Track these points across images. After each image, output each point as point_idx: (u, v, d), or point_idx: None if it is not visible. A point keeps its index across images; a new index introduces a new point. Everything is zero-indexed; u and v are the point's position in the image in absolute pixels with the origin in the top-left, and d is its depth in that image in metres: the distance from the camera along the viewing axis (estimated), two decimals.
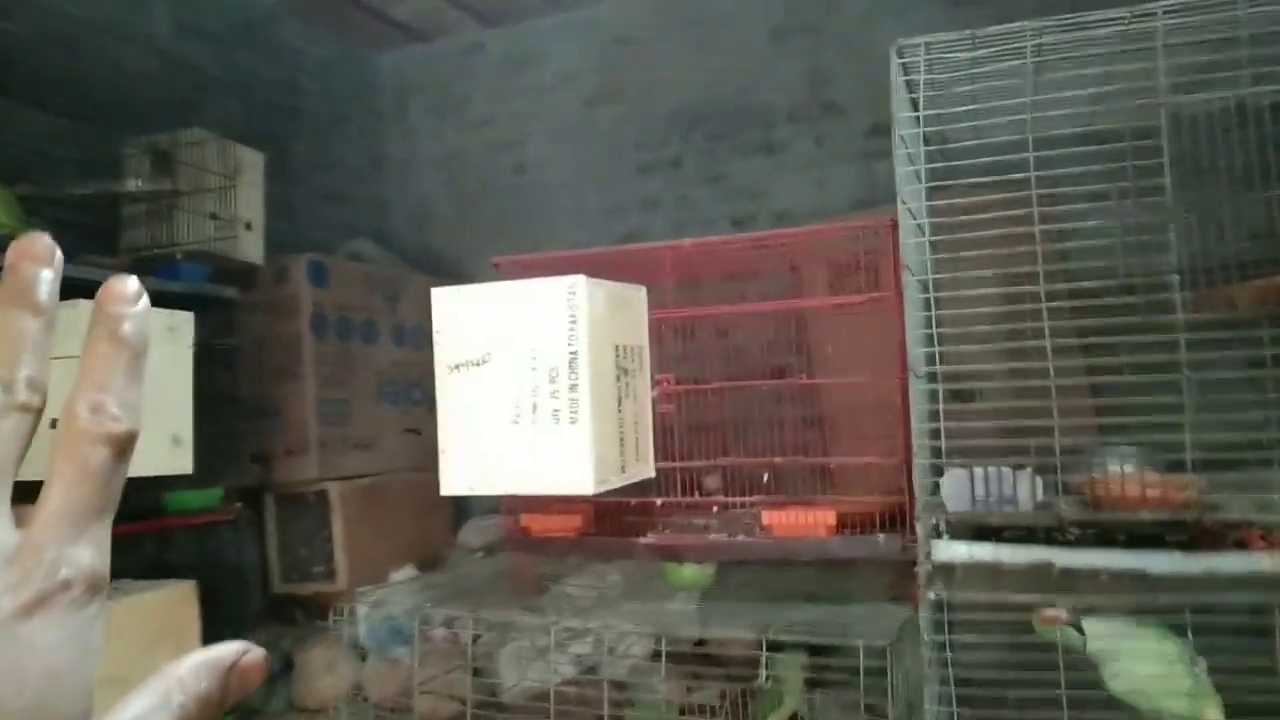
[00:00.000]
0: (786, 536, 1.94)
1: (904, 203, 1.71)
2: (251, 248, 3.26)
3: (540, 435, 1.84)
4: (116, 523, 0.35)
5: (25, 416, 0.35)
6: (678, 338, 2.37)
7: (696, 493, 2.19)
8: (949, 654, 1.72)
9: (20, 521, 0.35)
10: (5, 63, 2.71)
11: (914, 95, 1.81)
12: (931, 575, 1.67)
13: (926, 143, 1.87)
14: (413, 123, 4.88)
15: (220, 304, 3.10)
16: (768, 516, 1.98)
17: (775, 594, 2.24)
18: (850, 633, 1.77)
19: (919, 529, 1.67)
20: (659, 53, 4.49)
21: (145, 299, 0.39)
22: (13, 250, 0.36)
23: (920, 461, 1.69)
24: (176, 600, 2.30)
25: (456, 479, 1.89)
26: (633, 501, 2.08)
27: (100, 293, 0.38)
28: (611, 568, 2.89)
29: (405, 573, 3.50)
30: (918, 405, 1.70)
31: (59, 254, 0.37)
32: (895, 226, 1.78)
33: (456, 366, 1.89)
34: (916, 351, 1.70)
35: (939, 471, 1.73)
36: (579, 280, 1.80)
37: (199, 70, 3.60)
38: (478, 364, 1.87)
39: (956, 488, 1.63)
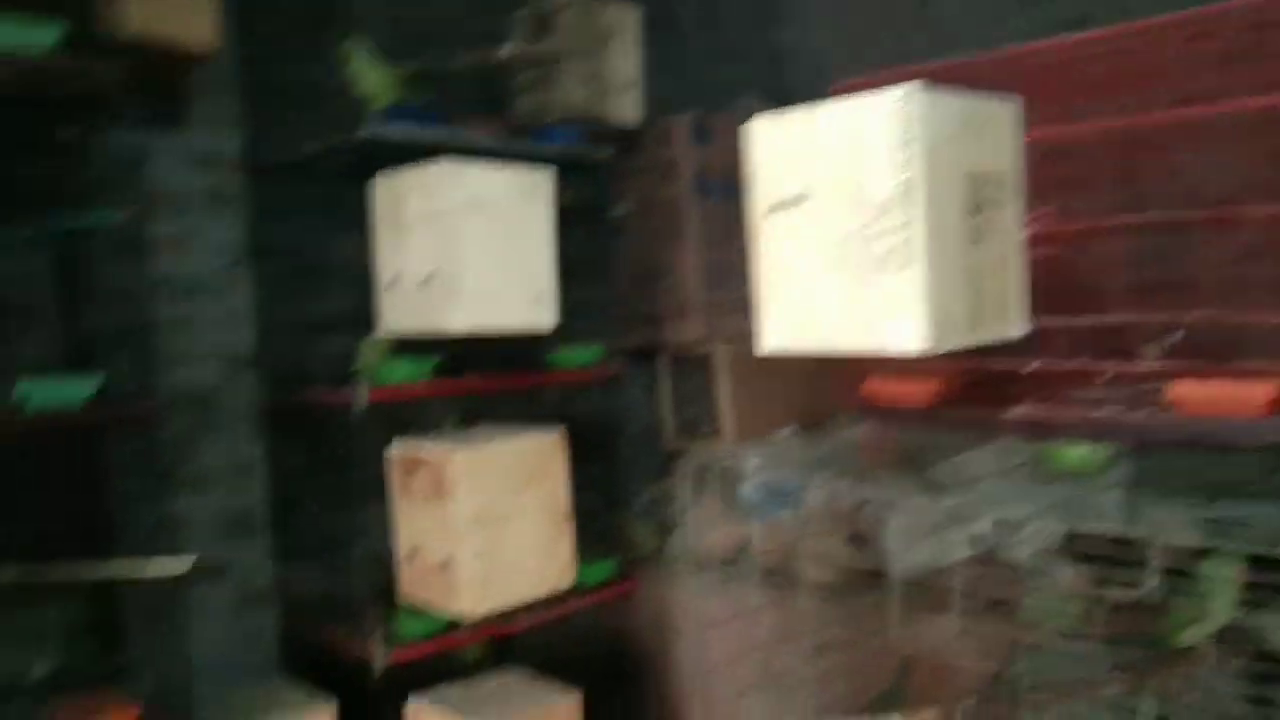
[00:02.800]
0: (1201, 414, 1.51)
1: None
2: (629, 108, 3.24)
3: (866, 284, 1.58)
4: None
5: None
6: (1103, 164, 1.91)
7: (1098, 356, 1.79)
8: None
9: None
10: None
11: None
12: None
13: None
14: None
15: (603, 168, 3.14)
16: (1176, 388, 1.54)
17: (1195, 485, 1.80)
18: None
19: None
20: None
21: None
22: None
23: None
24: (545, 448, 2.42)
25: (775, 334, 1.70)
26: (999, 367, 1.75)
27: None
28: (1005, 448, 2.55)
29: (786, 434, 3.41)
30: None
31: None
32: None
33: (773, 208, 1.68)
34: None
35: None
36: (913, 90, 1.48)
37: None
38: (795, 203, 1.65)
39: None
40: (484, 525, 2.25)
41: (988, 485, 2.33)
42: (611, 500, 3.40)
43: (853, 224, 1.51)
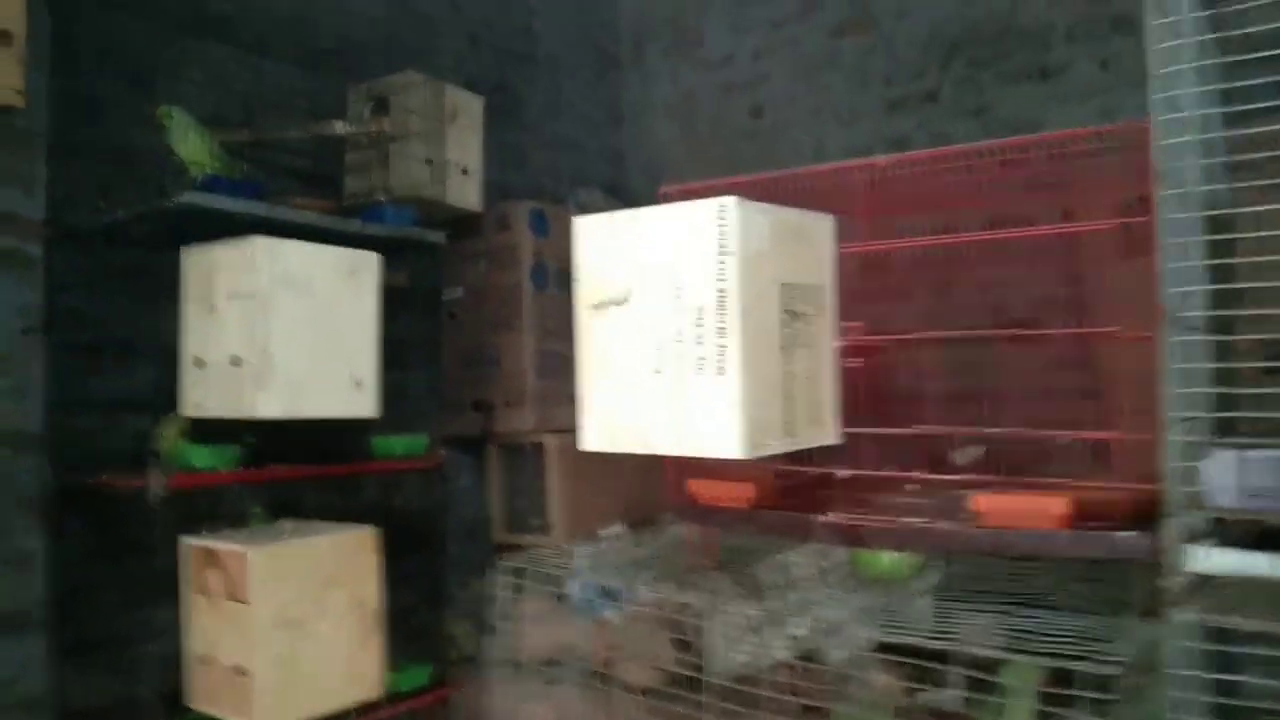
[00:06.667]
0: (1001, 526, 1.56)
1: (1167, 96, 1.28)
2: (468, 193, 3.21)
3: (684, 387, 1.57)
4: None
5: None
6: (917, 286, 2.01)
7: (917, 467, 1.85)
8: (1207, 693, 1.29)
9: None
10: (235, 10, 2.80)
11: None
12: (1186, 591, 1.25)
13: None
14: (649, 66, 4.71)
15: (438, 251, 3.07)
16: (978, 500, 1.60)
17: (1004, 594, 1.86)
18: (1088, 651, 1.39)
19: (1167, 529, 1.26)
20: None
21: None
22: None
23: (1174, 438, 1.27)
24: (354, 545, 2.28)
25: (595, 433, 1.67)
26: (814, 472, 1.77)
27: None
28: (820, 551, 2.60)
29: (614, 531, 3.37)
30: (1173, 363, 1.28)
31: None
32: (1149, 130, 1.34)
33: (597, 306, 1.67)
34: (1173, 290, 1.28)
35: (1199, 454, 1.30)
36: (730, 202, 1.50)
37: (429, 16, 3.61)
38: (619, 303, 1.64)
39: (1222, 476, 1.20)
40: (284, 629, 2.09)
41: (805, 588, 2.36)
42: (433, 598, 3.25)
43: (673, 328, 1.51)
